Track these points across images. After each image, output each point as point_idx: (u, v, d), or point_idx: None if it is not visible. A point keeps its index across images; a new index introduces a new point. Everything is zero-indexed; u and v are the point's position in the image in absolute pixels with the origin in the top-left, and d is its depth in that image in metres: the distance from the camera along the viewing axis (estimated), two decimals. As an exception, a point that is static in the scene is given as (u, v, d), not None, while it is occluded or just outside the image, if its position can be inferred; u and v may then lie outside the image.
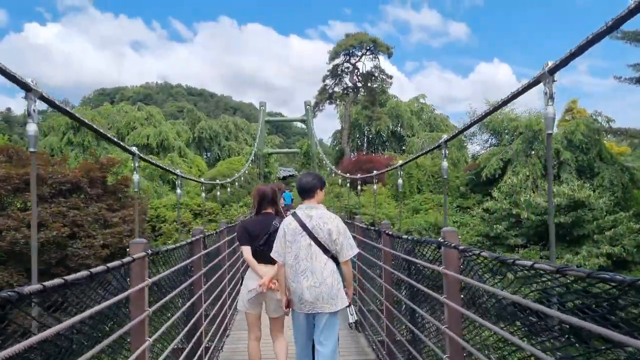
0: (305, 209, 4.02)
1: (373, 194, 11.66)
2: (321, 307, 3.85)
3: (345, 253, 3.94)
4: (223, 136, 53.97)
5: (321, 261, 3.87)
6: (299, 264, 3.89)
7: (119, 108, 46.90)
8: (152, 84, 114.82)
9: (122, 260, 2.83)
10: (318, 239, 3.88)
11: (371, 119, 43.17)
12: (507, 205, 23.30)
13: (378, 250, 5.79)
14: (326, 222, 3.93)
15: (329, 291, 3.85)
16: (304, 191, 4.08)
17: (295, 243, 3.91)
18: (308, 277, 3.84)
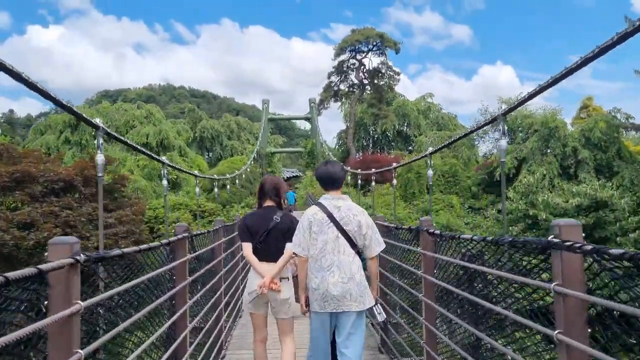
0: (331, 199, 3.74)
1: (392, 190, 10.90)
2: (348, 305, 3.57)
3: (374, 248, 3.72)
4: (225, 135, 53.11)
5: (349, 255, 3.62)
6: (324, 258, 3.62)
7: (118, 106, 46.04)
8: (154, 85, 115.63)
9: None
10: (347, 231, 3.63)
11: (377, 117, 42.24)
12: (523, 205, 22.35)
13: (413, 255, 4.63)
14: (356, 214, 3.69)
15: (358, 288, 3.60)
16: (331, 181, 3.79)
17: (321, 235, 3.63)
18: (334, 273, 3.57)
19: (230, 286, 7.00)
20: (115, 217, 21.21)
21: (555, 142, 25.43)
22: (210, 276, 5.43)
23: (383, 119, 41.95)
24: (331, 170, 3.82)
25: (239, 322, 7.56)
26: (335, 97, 43.48)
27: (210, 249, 5.44)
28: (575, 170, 25.34)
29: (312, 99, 42.71)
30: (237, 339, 6.75)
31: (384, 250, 4.11)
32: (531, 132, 27.54)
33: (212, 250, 5.58)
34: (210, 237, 5.53)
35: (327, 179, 3.81)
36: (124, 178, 24.48)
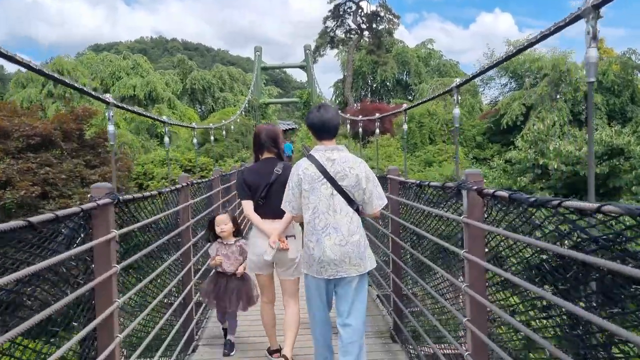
0: (324, 151, 3.33)
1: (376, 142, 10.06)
2: (347, 269, 3.26)
3: (375, 203, 3.34)
4: (217, 87, 51.28)
5: (346, 214, 3.25)
6: (318, 219, 3.26)
7: (103, 57, 44.13)
8: (146, 38, 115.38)
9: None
10: (343, 187, 3.25)
11: (377, 64, 40.52)
12: (532, 154, 21.26)
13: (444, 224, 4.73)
14: (352, 166, 3.27)
15: (357, 250, 3.25)
16: (325, 130, 3.37)
17: (314, 193, 3.27)
18: (331, 235, 3.23)
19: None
20: (100, 173, 20.14)
21: (566, 86, 24.09)
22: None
23: (382, 65, 40.22)
24: (325, 116, 3.36)
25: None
26: (332, 44, 41.50)
27: (208, 196, 5.73)
28: (586, 117, 24.11)
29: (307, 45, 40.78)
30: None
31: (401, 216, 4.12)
32: (540, 76, 26.14)
33: (210, 197, 5.90)
34: (208, 185, 5.79)
35: (320, 127, 3.36)
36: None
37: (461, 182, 2.76)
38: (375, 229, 5.88)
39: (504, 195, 2.28)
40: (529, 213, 2.16)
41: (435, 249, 3.64)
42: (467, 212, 2.72)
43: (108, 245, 2.57)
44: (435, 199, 3.51)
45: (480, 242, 2.69)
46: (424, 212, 3.77)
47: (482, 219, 2.67)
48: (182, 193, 4.57)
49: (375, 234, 5.94)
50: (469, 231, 2.73)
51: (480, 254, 2.67)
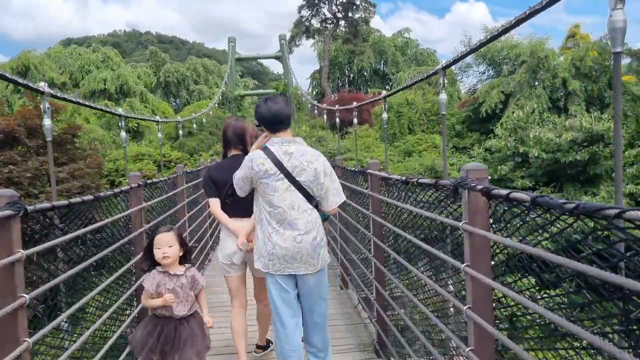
0: (281, 144, 3.17)
1: (354, 132, 9.73)
2: (297, 267, 3.17)
3: (332, 200, 3.23)
4: (191, 80, 50.25)
5: (305, 211, 3.13)
6: (273, 213, 3.14)
7: (72, 50, 42.81)
8: (120, 32, 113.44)
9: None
10: (301, 183, 3.12)
11: (353, 54, 40.02)
12: (512, 143, 21.07)
13: (365, 197, 4.69)
14: (310, 160, 3.17)
15: (311, 248, 3.14)
16: (276, 121, 3.21)
17: (269, 188, 3.12)
18: (285, 231, 3.11)
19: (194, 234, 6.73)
20: (68, 171, 19.39)
21: (545, 73, 23.92)
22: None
23: (359, 55, 39.74)
24: (274, 107, 3.20)
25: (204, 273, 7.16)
26: (307, 34, 40.90)
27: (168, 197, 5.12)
28: (565, 103, 24.05)
29: (282, 35, 40.02)
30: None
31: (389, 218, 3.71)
32: (518, 63, 25.96)
33: (172, 199, 5.35)
34: (168, 185, 5.15)
35: (272, 119, 3.20)
36: (76, 128, 22.40)
37: (460, 179, 2.28)
38: (355, 228, 5.51)
39: (524, 198, 1.77)
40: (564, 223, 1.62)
41: (422, 254, 3.26)
42: (469, 218, 2.23)
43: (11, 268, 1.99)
44: (426, 198, 3.05)
45: (486, 255, 2.21)
46: (411, 214, 3.31)
47: (488, 225, 2.19)
48: (133, 195, 3.94)
49: (355, 234, 5.58)
50: (471, 240, 2.23)
51: (486, 269, 2.19)
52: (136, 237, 3.91)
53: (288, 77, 36.47)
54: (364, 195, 4.63)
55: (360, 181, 4.96)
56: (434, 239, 3.00)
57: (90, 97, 37.30)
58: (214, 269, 7.27)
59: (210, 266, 7.73)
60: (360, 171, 4.60)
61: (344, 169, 5.64)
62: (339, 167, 5.84)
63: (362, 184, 4.82)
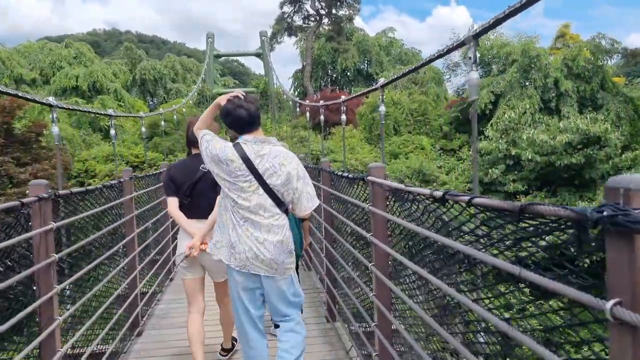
0: (253, 143, 2.94)
1: (342, 130, 8.88)
2: (256, 268, 2.97)
3: (305, 204, 3.06)
4: (169, 78, 48.81)
5: (272, 215, 2.94)
6: (237, 212, 2.94)
7: (42, 45, 41.14)
8: (99, 30, 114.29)
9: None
10: (270, 186, 2.91)
11: (337, 52, 39.05)
12: (503, 145, 20.27)
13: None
14: (283, 163, 2.95)
15: (275, 252, 2.95)
16: (245, 123, 2.99)
17: (235, 185, 2.91)
18: (248, 229, 2.93)
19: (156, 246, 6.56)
20: (31, 172, 18.11)
21: (536, 72, 23.18)
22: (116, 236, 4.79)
23: (343, 53, 38.76)
24: (243, 109, 2.97)
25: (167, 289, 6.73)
26: (289, 31, 39.80)
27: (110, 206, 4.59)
28: (557, 104, 23.34)
29: (263, 32, 38.85)
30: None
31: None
32: (508, 63, 25.22)
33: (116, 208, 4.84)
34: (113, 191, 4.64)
35: (241, 121, 2.98)
36: (42, 126, 21.08)
37: (366, 174, 3.23)
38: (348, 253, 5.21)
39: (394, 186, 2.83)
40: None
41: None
42: (372, 201, 3.18)
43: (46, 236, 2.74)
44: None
45: (383, 228, 3.09)
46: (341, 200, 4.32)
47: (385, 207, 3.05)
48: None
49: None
50: (373, 218, 3.17)
51: (383, 238, 3.08)
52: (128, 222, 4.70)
53: (269, 75, 35.32)
54: (361, 210, 3.76)
55: (356, 190, 4.04)
56: None
57: (62, 94, 35.78)
58: (175, 291, 6.47)
59: (171, 287, 6.81)
60: (358, 178, 3.79)
61: (333, 174, 4.85)
62: (326, 171, 5.23)
63: (360, 194, 3.93)
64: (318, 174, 5.61)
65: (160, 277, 6.37)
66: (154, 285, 5.89)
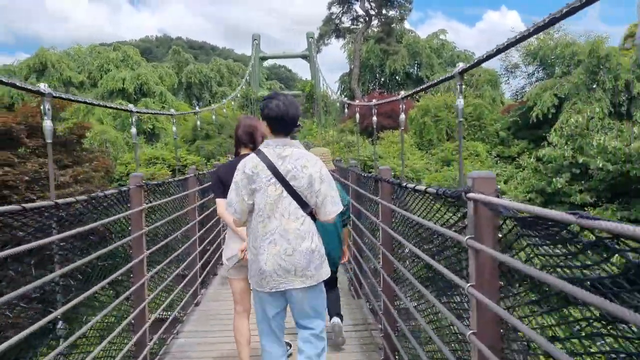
0: (275, 146, 2.96)
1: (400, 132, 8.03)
2: (292, 281, 2.91)
3: (330, 209, 2.98)
4: (215, 81, 48.96)
5: (296, 219, 2.91)
6: (262, 224, 2.93)
7: (91, 49, 41.83)
8: (151, 37, 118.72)
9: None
10: (294, 188, 2.91)
11: (386, 54, 37.90)
12: (569, 151, 18.69)
13: (375, 204, 4.57)
14: (306, 165, 2.94)
15: (306, 259, 2.91)
16: (285, 123, 2.97)
17: (260, 194, 2.93)
18: (276, 242, 2.90)
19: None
20: (71, 174, 17.83)
21: (606, 74, 21.44)
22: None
23: (393, 55, 37.59)
24: (284, 106, 2.94)
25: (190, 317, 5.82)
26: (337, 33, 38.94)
27: None
28: (628, 108, 21.54)
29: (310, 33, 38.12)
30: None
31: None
32: (574, 63, 23.53)
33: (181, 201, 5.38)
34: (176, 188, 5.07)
35: (280, 121, 2.95)
36: (84, 127, 20.86)
37: (464, 189, 2.13)
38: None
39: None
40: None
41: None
42: (474, 232, 2.05)
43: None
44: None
45: (492, 275, 2.02)
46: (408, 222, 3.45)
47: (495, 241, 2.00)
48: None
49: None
50: (476, 258, 2.04)
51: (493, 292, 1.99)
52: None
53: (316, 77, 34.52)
54: (375, 203, 4.44)
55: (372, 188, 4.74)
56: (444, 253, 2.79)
57: (109, 96, 36.15)
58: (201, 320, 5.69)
59: (196, 316, 5.84)
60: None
61: (399, 186, 4.33)
62: (386, 182, 4.73)
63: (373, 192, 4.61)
64: (375, 185, 4.54)
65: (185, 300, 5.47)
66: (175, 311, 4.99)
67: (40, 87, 3.98)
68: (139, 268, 3.86)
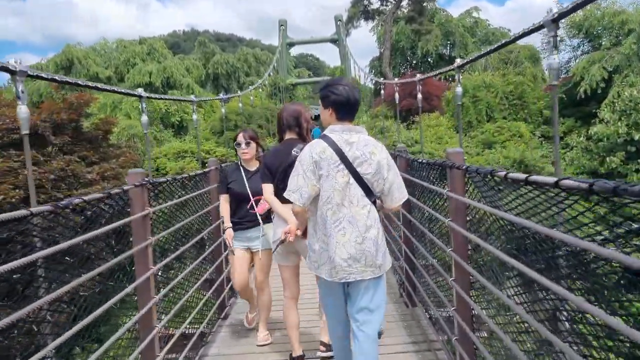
0: (342, 132, 2.91)
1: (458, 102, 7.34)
2: (362, 271, 2.86)
3: (397, 195, 2.95)
4: (242, 71, 48.35)
5: (363, 206, 2.86)
6: (331, 211, 2.85)
7: (118, 43, 41.73)
8: (179, 32, 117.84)
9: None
10: (361, 175, 2.85)
11: (418, 35, 36.63)
12: (623, 128, 17.44)
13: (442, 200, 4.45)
14: (373, 151, 2.89)
15: (375, 247, 2.87)
16: (348, 108, 2.94)
17: (328, 180, 2.85)
18: (345, 230, 2.83)
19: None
20: (97, 171, 17.39)
21: (660, 43, 19.97)
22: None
23: (425, 35, 36.29)
24: (349, 91, 2.91)
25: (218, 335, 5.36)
26: (366, 15, 37.82)
27: None
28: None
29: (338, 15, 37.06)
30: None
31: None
32: (623, 33, 22.02)
33: None
34: None
35: (346, 105, 2.92)
36: (110, 123, 20.44)
37: (445, 160, 3.29)
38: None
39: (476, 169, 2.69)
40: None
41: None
42: (450, 187, 3.16)
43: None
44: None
45: (462, 213, 3.09)
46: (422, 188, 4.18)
47: (463, 192, 3.05)
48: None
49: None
50: (452, 203, 3.15)
51: (462, 223, 3.08)
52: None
53: (346, 62, 33.52)
54: (440, 196, 3.83)
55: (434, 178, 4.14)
56: None
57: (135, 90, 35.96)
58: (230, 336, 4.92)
59: (222, 334, 5.00)
60: (439, 163, 3.75)
61: (410, 160, 4.61)
62: (403, 157, 4.88)
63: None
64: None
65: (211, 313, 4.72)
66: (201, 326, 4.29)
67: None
68: (144, 288, 3.08)
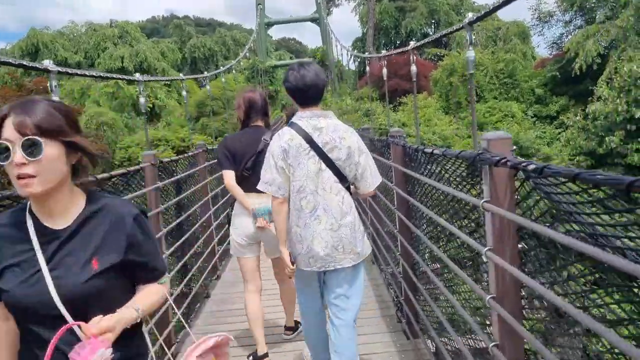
0: (309, 118, 2.78)
1: None
2: (341, 259, 2.78)
3: (370, 180, 2.86)
4: (221, 54, 46.95)
5: (337, 192, 2.77)
6: (305, 200, 2.78)
7: (87, 26, 40.03)
8: (158, 17, 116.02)
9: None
10: (333, 160, 2.75)
11: (402, 12, 35.51)
12: (623, 105, 16.59)
13: (388, 169, 4.48)
14: (343, 136, 2.77)
15: (351, 234, 2.79)
16: (310, 94, 2.78)
17: (299, 168, 2.75)
18: (320, 218, 2.75)
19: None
20: (63, 163, 16.20)
21: (659, 14, 19.09)
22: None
23: (410, 12, 35.20)
24: (309, 76, 2.73)
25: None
26: (348, -8, 36.67)
27: None
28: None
29: (319, -6, 35.78)
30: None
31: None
32: (619, 5, 21.14)
33: None
34: None
35: (305, 90, 2.75)
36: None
37: (480, 151, 1.93)
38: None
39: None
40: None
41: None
42: (490, 196, 1.90)
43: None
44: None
45: (511, 239, 1.89)
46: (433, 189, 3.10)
47: (514, 205, 1.86)
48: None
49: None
50: (493, 223, 1.91)
51: (512, 255, 1.89)
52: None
53: (327, 42, 32.32)
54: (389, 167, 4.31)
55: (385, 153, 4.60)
56: None
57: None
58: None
59: None
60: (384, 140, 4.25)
61: (409, 149, 4.29)
62: (398, 145, 4.69)
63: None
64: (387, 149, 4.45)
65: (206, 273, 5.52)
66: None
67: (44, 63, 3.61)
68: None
